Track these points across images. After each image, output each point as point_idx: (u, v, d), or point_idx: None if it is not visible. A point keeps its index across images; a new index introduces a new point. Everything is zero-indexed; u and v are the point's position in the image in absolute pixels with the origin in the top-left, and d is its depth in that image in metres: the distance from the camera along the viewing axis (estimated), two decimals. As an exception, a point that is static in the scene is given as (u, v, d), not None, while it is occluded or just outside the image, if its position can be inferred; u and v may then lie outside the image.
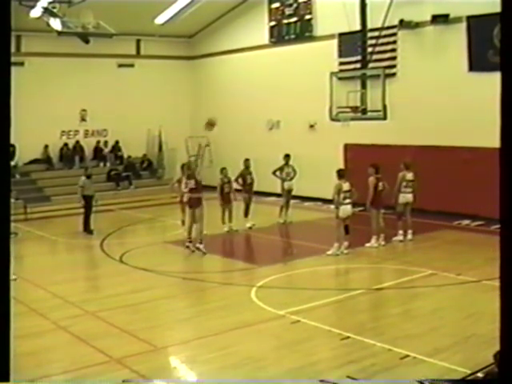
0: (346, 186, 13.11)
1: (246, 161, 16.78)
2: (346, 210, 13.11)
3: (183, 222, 15.24)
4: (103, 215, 19.24)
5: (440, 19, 16.98)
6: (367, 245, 13.78)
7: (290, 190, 17.23)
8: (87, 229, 16.25)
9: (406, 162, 14.33)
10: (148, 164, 24.69)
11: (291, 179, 17.16)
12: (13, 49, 19.31)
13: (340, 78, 16.94)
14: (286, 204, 17.18)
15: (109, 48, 22.70)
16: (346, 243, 13.22)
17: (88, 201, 16.37)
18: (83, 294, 10.66)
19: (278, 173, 17.20)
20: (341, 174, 13.35)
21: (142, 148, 24.87)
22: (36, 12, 17.44)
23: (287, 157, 17.17)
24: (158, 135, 24.71)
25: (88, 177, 16.70)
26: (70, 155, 23.30)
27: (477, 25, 16.01)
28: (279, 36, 22.02)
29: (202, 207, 13.35)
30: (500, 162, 3.98)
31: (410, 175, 14.26)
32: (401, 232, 14.30)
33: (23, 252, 14.33)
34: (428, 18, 17.20)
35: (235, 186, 16.22)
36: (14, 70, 4.38)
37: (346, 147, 19.69)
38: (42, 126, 22.01)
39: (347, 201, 13.10)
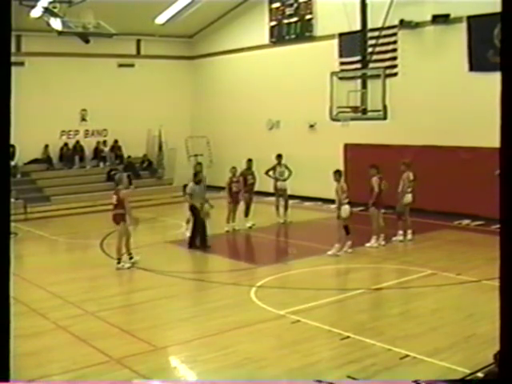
0: (345, 186, 13.14)
1: (249, 161, 16.82)
2: (347, 210, 13.11)
3: (188, 221, 15.26)
4: (103, 215, 19.25)
5: (440, 19, 16.98)
6: (367, 245, 13.79)
7: (284, 190, 17.17)
8: (203, 243, 14.14)
9: (406, 162, 14.32)
10: (148, 164, 24.67)
11: (285, 180, 17.13)
12: (13, 49, 19.20)
13: (340, 78, 16.93)
14: (284, 204, 17.18)
15: (109, 48, 22.71)
16: (349, 242, 13.24)
17: (196, 211, 14.22)
18: (83, 294, 10.65)
19: (270, 173, 17.21)
20: (340, 174, 13.31)
21: (142, 148, 24.87)
22: (36, 12, 17.45)
23: (279, 157, 17.18)
24: (158, 135, 24.69)
25: (197, 182, 14.59)
26: (70, 155, 23.30)
27: (477, 25, 16.01)
28: (279, 36, 22.02)
29: (126, 223, 12.56)
30: (500, 161, 3.98)
31: (411, 175, 14.26)
32: (401, 232, 14.30)
33: (23, 252, 14.34)
34: (428, 17, 17.21)
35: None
36: (14, 69, 4.38)
37: (346, 147, 19.69)
38: (42, 126, 22.01)
39: (346, 201, 13.11)
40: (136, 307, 10.02)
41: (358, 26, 17.76)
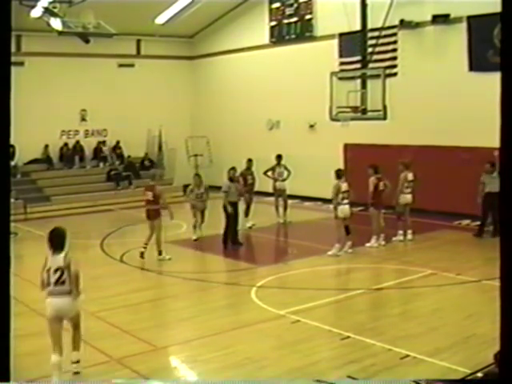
0: (344, 186, 13.12)
1: (249, 161, 16.84)
2: (345, 210, 13.11)
3: (194, 227, 15.08)
4: (103, 215, 19.28)
5: (440, 19, 16.98)
6: (367, 245, 13.79)
7: (283, 190, 17.17)
8: (235, 240, 14.37)
9: (405, 163, 14.33)
10: (150, 162, 24.55)
11: (284, 180, 17.13)
12: (13, 48, 19.18)
13: (340, 78, 16.94)
14: (283, 204, 17.19)
15: (109, 48, 22.69)
16: (349, 243, 13.25)
17: (229, 209, 14.22)
18: (83, 294, 10.62)
19: (269, 173, 17.22)
20: (339, 174, 13.35)
21: (142, 148, 24.84)
22: (36, 12, 17.44)
23: (279, 157, 17.19)
24: (158, 135, 24.68)
25: (231, 180, 14.51)
26: (70, 155, 23.28)
27: (477, 25, 16.01)
28: (280, 36, 22.01)
29: (160, 219, 13.03)
30: (500, 161, 3.99)
31: (410, 175, 14.26)
32: (401, 232, 14.31)
33: (23, 252, 14.33)
34: (428, 17, 17.21)
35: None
36: (14, 69, 4.39)
37: (346, 147, 19.69)
38: (42, 126, 21.99)
39: (345, 201, 13.10)
40: (136, 307, 10.00)
41: (358, 26, 17.78)
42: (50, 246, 7.11)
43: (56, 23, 17.17)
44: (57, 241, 7.17)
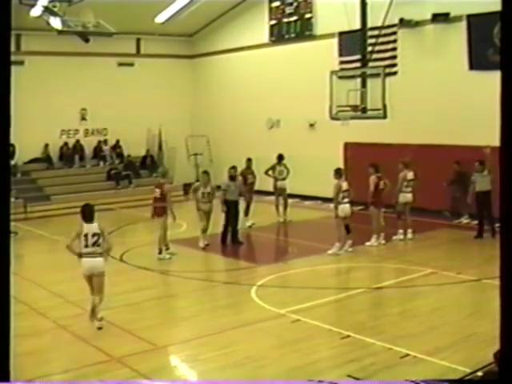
0: (344, 185, 13.13)
1: (249, 160, 16.85)
2: (345, 209, 13.12)
3: (203, 231, 14.33)
4: (103, 214, 19.22)
5: (440, 18, 16.97)
6: (367, 244, 13.79)
7: (283, 189, 17.19)
8: (235, 239, 14.42)
9: (405, 162, 14.34)
10: (152, 161, 24.46)
11: (284, 178, 17.14)
12: (13, 48, 19.28)
13: (340, 77, 16.94)
14: (283, 203, 17.20)
15: (109, 47, 22.67)
16: (349, 241, 13.26)
17: (230, 206, 14.31)
18: (83, 293, 10.54)
19: (270, 172, 17.23)
20: (339, 173, 13.35)
21: (142, 147, 24.83)
22: (36, 11, 17.40)
23: (280, 157, 17.19)
24: (158, 134, 24.67)
25: (232, 178, 14.53)
26: (70, 154, 23.26)
27: (477, 23, 16.00)
28: (279, 35, 21.99)
29: (167, 216, 13.04)
30: (500, 161, 3.98)
31: (410, 174, 14.27)
32: (401, 231, 14.32)
33: (23, 251, 14.34)
34: (428, 16, 17.19)
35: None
36: (13, 69, 4.38)
37: (346, 146, 19.68)
38: (42, 125, 21.97)
39: (346, 200, 13.11)
40: (136, 306, 10.01)
41: (357, 25, 17.76)
42: (84, 217, 8.98)
43: (56, 22, 17.16)
44: (89, 213, 9.05)
